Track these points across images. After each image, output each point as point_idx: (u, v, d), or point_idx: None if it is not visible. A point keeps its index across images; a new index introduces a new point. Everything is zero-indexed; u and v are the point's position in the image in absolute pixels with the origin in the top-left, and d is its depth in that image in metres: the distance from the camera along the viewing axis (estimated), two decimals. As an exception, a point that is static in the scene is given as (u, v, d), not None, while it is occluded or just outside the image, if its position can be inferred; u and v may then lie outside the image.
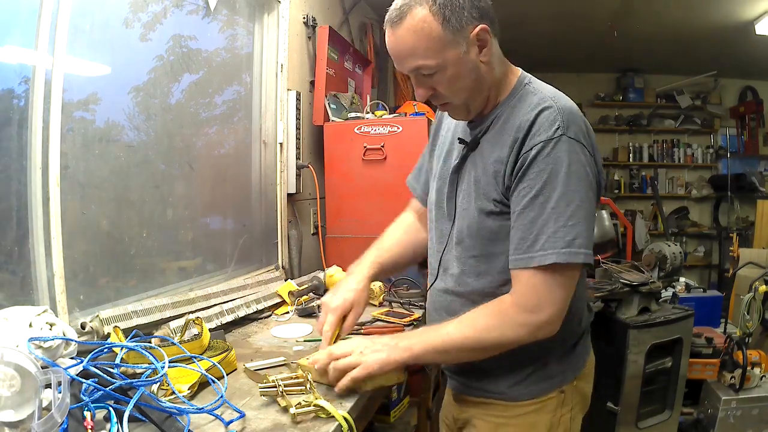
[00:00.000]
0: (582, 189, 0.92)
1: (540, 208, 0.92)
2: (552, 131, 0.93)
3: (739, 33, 4.04)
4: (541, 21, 4.07)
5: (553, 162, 0.91)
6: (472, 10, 0.94)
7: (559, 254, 0.90)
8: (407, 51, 0.96)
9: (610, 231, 3.58)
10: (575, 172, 0.91)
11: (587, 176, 0.93)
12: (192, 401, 1.05)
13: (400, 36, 0.96)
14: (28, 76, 1.24)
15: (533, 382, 1.07)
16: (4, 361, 0.78)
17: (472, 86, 1.00)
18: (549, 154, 0.92)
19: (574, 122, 0.95)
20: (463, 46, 0.95)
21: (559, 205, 0.91)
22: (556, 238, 0.90)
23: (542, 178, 0.92)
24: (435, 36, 0.93)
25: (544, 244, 0.91)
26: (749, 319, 2.73)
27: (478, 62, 0.97)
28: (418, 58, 0.96)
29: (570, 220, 0.90)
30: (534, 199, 0.92)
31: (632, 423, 2.33)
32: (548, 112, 0.95)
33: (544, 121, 0.94)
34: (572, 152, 0.92)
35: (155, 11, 1.65)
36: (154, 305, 1.49)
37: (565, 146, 0.92)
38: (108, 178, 1.49)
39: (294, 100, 2.38)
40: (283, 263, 2.37)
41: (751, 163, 5.73)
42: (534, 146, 0.93)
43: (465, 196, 1.07)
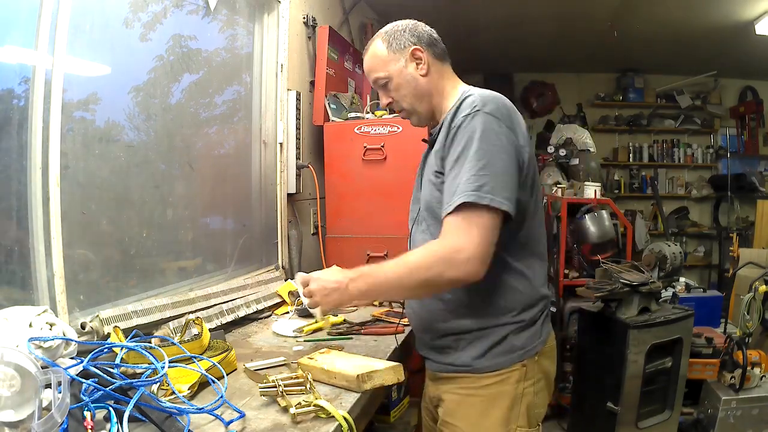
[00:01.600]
0: (494, 150, 1.10)
1: (459, 166, 1.10)
2: (470, 109, 1.14)
3: (739, 33, 4.04)
4: (541, 21, 4.07)
5: (470, 130, 1.11)
6: (411, 36, 1.28)
7: (468, 195, 1.06)
8: (369, 69, 1.32)
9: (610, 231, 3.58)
10: (488, 136, 1.10)
11: (500, 141, 1.11)
12: (192, 401, 1.05)
13: (366, 60, 1.33)
14: (28, 76, 1.24)
15: (495, 354, 1.18)
16: (4, 361, 0.78)
17: (413, 93, 1.29)
18: (467, 125, 1.12)
19: (491, 103, 1.15)
20: (402, 62, 1.27)
21: (472, 160, 1.09)
22: (467, 184, 1.07)
23: (462, 143, 1.12)
24: (383, 55, 1.29)
25: (458, 191, 1.07)
26: (749, 319, 2.73)
27: (416, 74, 1.27)
28: (375, 71, 1.31)
29: (481, 171, 1.07)
30: (456, 161, 1.11)
31: (632, 423, 2.33)
32: (470, 98, 1.18)
33: (466, 104, 1.16)
34: (486, 122, 1.11)
35: (155, 11, 1.65)
36: (154, 305, 1.49)
37: (480, 118, 1.12)
38: (108, 178, 1.49)
39: (294, 100, 2.38)
40: (283, 263, 2.37)
41: (751, 163, 5.73)
42: (457, 123, 1.14)
43: (423, 184, 1.30)
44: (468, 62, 5.41)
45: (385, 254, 2.37)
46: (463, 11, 3.85)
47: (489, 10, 3.86)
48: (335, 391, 1.11)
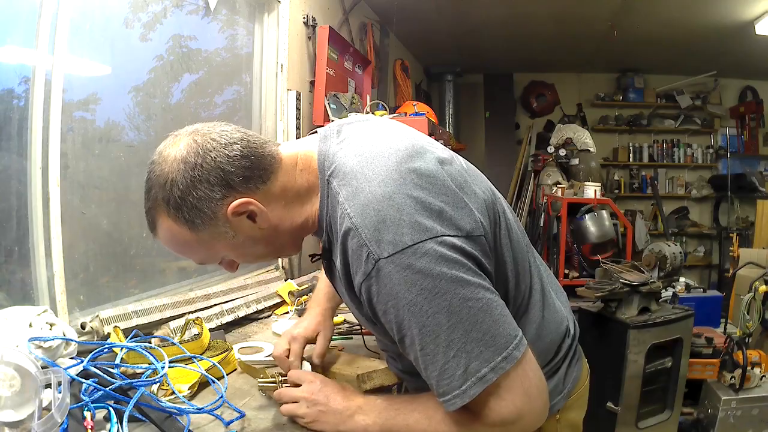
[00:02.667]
0: (444, 302, 0.71)
1: (412, 351, 0.75)
2: (364, 265, 0.73)
3: (739, 33, 4.05)
4: (541, 21, 4.07)
5: (387, 299, 0.73)
6: (213, 192, 0.77)
7: (462, 395, 0.73)
8: (182, 255, 0.88)
9: (610, 231, 3.58)
10: (420, 292, 0.71)
11: (441, 277, 0.71)
12: (192, 401, 1.05)
13: (166, 245, 0.85)
14: (28, 76, 1.24)
15: None
16: (4, 361, 0.78)
17: (267, 250, 0.89)
18: (378, 293, 0.73)
19: (383, 225, 0.72)
20: (229, 232, 0.81)
21: (425, 344, 0.73)
22: (446, 379, 0.73)
23: (392, 321, 0.74)
24: (190, 240, 0.81)
25: (441, 390, 0.74)
26: (749, 319, 2.73)
27: (255, 231, 0.82)
28: (195, 258, 0.87)
29: (449, 352, 0.72)
30: (402, 343, 0.76)
31: (632, 423, 2.33)
32: (351, 240, 0.74)
33: (353, 254, 0.75)
34: (400, 272, 0.71)
35: (155, 11, 1.65)
36: (154, 305, 1.49)
37: (387, 272, 0.71)
38: (108, 178, 1.49)
39: (294, 100, 2.38)
40: (283, 263, 2.37)
41: (751, 163, 5.73)
42: (361, 291, 0.76)
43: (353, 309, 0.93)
44: (468, 62, 5.44)
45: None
46: (463, 11, 3.86)
47: (489, 10, 3.86)
48: (335, 391, 1.11)
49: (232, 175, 0.78)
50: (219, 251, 0.85)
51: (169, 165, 0.78)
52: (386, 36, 3.96)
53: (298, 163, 0.85)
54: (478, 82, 5.80)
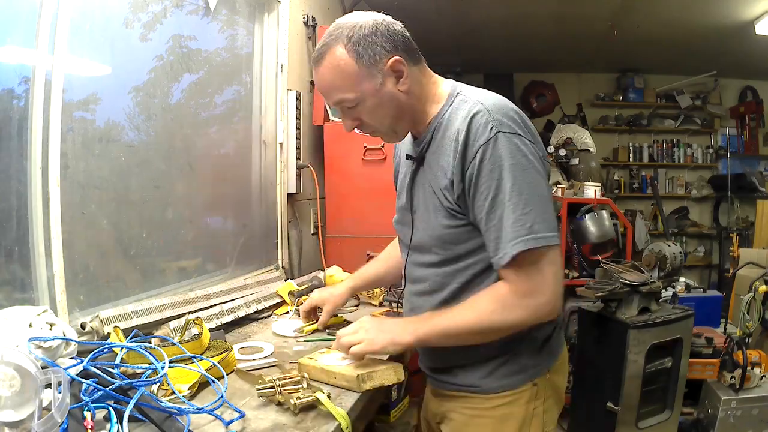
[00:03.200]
0: (529, 177, 0.98)
1: (501, 206, 0.97)
2: (488, 133, 0.98)
3: (739, 33, 4.04)
4: (541, 21, 4.07)
5: (497, 160, 0.97)
6: (386, 44, 1.01)
7: (526, 241, 0.95)
8: (328, 87, 1.05)
9: (610, 231, 3.58)
10: (519, 163, 0.97)
11: (531, 164, 0.99)
12: (192, 401, 1.05)
13: (322, 74, 1.04)
14: (28, 76, 1.24)
15: (505, 374, 1.10)
16: (4, 361, 0.78)
17: (393, 114, 1.07)
18: (492, 155, 0.97)
19: (506, 117, 1.00)
20: (379, 78, 1.02)
21: (512, 196, 0.97)
22: (518, 227, 0.96)
23: (494, 178, 0.98)
24: (350, 71, 1.01)
25: (510, 237, 0.96)
26: (749, 319, 2.73)
27: (396, 92, 1.04)
28: (339, 92, 1.04)
29: (525, 208, 0.96)
30: (494, 200, 0.98)
31: (632, 423, 2.33)
32: (479, 116, 1.00)
33: (478, 126, 0.99)
34: (511, 146, 0.98)
35: (155, 11, 1.65)
36: (154, 305, 1.49)
37: (503, 142, 0.98)
38: (108, 178, 1.49)
39: (294, 100, 2.38)
40: (283, 263, 2.37)
41: (751, 163, 5.73)
42: (477, 152, 0.99)
43: (423, 209, 1.13)
44: (468, 62, 5.44)
45: (385, 254, 2.37)
46: (463, 11, 3.85)
47: (489, 10, 3.86)
48: (335, 391, 1.11)
49: (400, 42, 1.04)
50: (362, 92, 1.03)
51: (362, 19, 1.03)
52: (386, 36, 3.95)
53: (433, 78, 1.13)
54: (478, 82, 5.79)
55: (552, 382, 1.15)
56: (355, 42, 1.00)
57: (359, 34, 1.00)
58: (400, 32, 1.05)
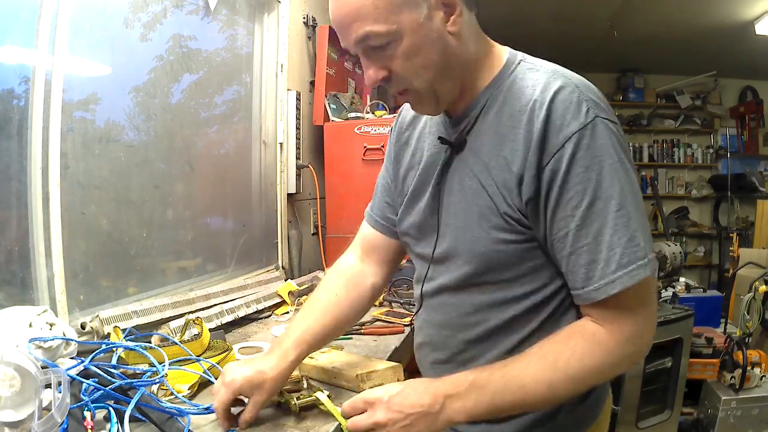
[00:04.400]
0: (633, 179, 0.74)
1: (602, 218, 0.71)
2: (583, 116, 0.72)
3: (739, 33, 4.05)
4: (541, 21, 4.07)
5: (596, 155, 0.71)
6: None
7: (645, 267, 0.71)
8: (352, 15, 0.74)
9: (610, 231, 3.58)
10: (622, 161, 0.73)
11: (631, 161, 0.75)
12: (192, 401, 1.05)
13: None
14: (28, 76, 1.24)
15: None
16: (4, 361, 0.78)
17: (437, 63, 0.77)
18: (590, 146, 0.71)
19: (599, 98, 0.76)
20: (424, 9, 0.73)
21: (623, 205, 0.71)
22: (633, 247, 0.71)
23: (592, 179, 0.71)
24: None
25: (623, 261, 0.71)
26: (749, 319, 2.73)
27: (444, 32, 0.75)
28: (366, 22, 0.73)
29: (636, 230, 0.71)
30: (590, 209, 0.71)
31: (632, 423, 2.33)
32: (567, 92, 0.74)
33: (567, 105, 0.73)
34: (613, 138, 0.73)
35: (155, 11, 1.65)
36: (154, 305, 1.49)
37: (604, 132, 0.72)
38: (108, 178, 1.49)
39: (294, 100, 2.38)
40: (283, 263, 2.37)
41: (751, 163, 5.73)
42: (566, 141, 0.72)
43: (459, 213, 0.84)
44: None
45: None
46: (463, 11, 3.86)
47: (489, 10, 3.86)
48: (335, 391, 1.11)
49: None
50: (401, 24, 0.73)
51: None
52: (386, 36, 3.95)
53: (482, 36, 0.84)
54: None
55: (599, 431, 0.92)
56: None
57: None
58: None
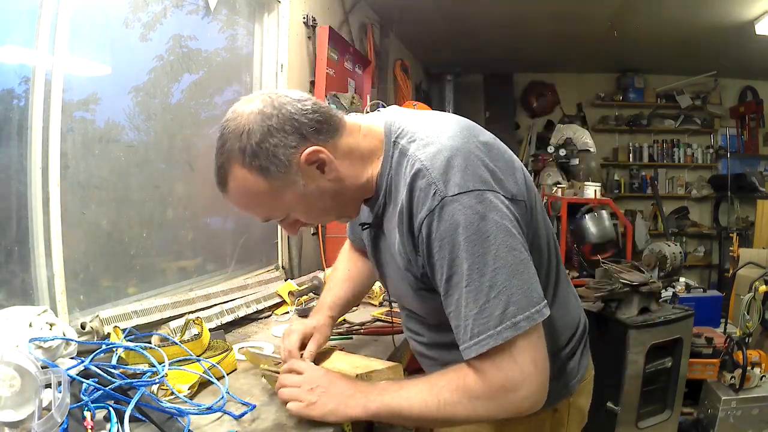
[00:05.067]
0: (493, 247, 0.78)
1: (458, 290, 0.80)
2: (430, 200, 0.80)
3: (739, 33, 4.04)
4: (541, 21, 4.07)
5: (446, 234, 0.79)
6: (288, 140, 0.82)
7: (496, 335, 0.77)
8: (249, 211, 0.91)
9: (610, 231, 3.58)
10: (476, 231, 0.78)
11: (494, 224, 0.79)
12: (192, 401, 1.05)
13: (234, 199, 0.89)
14: (28, 76, 1.24)
15: None
16: (4, 361, 0.78)
17: (331, 205, 0.91)
18: (438, 228, 0.80)
19: (451, 170, 0.80)
20: (300, 180, 0.85)
21: (471, 279, 0.78)
22: (484, 318, 0.78)
23: (444, 257, 0.80)
24: (264, 191, 0.84)
25: (475, 330, 0.79)
26: (749, 319, 2.73)
27: (325, 183, 0.87)
28: (262, 212, 0.90)
29: (491, 292, 0.78)
30: (449, 282, 0.81)
31: (632, 423, 2.33)
32: (420, 180, 0.82)
33: (419, 193, 0.81)
34: (464, 210, 0.78)
35: (155, 11, 1.65)
36: (154, 305, 1.49)
37: (453, 210, 0.78)
38: (108, 178, 1.49)
39: (294, 100, 2.38)
40: (283, 263, 2.37)
41: (751, 163, 5.73)
42: (421, 227, 0.82)
43: (391, 273, 0.99)
44: (468, 62, 5.44)
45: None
46: (463, 11, 3.85)
47: (489, 10, 3.86)
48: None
49: (305, 126, 0.84)
50: (288, 203, 0.87)
51: (245, 118, 0.83)
52: (386, 36, 3.96)
53: (362, 129, 0.92)
54: (478, 82, 5.79)
55: (575, 405, 1.03)
56: (251, 155, 0.81)
57: (251, 143, 0.81)
58: (299, 112, 0.84)
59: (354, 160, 0.90)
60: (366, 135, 0.92)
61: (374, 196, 0.94)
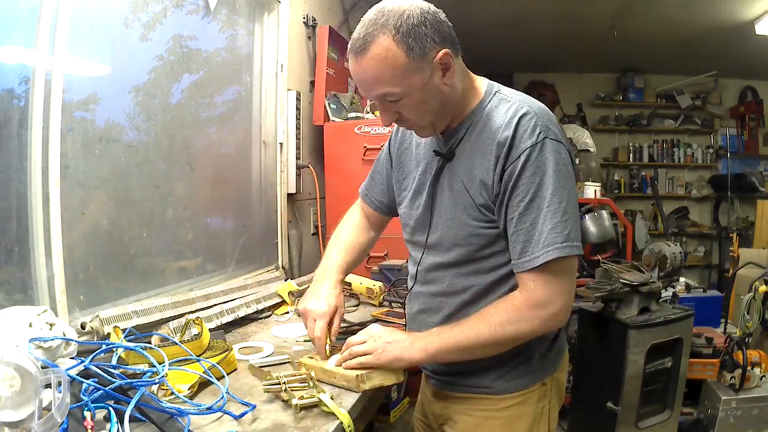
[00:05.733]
0: (568, 185, 0.99)
1: (537, 209, 0.98)
2: (535, 137, 0.98)
3: (739, 33, 4.04)
4: (541, 21, 4.07)
5: (541, 165, 0.98)
6: (435, 35, 0.97)
7: (561, 248, 0.96)
8: (373, 79, 0.99)
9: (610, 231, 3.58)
10: (561, 170, 0.98)
11: (570, 173, 1.00)
12: (192, 401, 1.05)
13: (366, 65, 0.97)
14: (28, 76, 1.24)
15: (517, 375, 1.11)
16: (4, 361, 0.78)
17: (437, 108, 1.04)
18: (536, 159, 0.98)
19: (551, 124, 1.02)
20: (427, 72, 0.98)
21: (552, 203, 0.97)
22: (555, 233, 0.96)
23: (534, 182, 0.98)
24: (400, 64, 0.95)
25: (546, 242, 0.96)
26: (749, 319, 2.73)
27: (441, 85, 1.01)
28: (384, 85, 0.98)
29: (564, 216, 0.97)
30: (531, 203, 0.98)
31: (632, 423, 2.33)
32: (527, 119, 1.00)
33: (526, 128, 0.99)
34: (556, 152, 0.98)
35: (155, 11, 1.65)
36: (154, 305, 1.49)
37: (550, 148, 0.98)
38: (108, 178, 1.49)
39: (294, 100, 2.38)
40: (283, 263, 2.37)
41: (751, 163, 5.73)
42: (522, 153, 0.98)
43: (449, 207, 1.10)
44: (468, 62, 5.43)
45: (385, 254, 2.37)
46: (463, 11, 3.85)
47: (489, 10, 3.86)
48: (335, 390, 1.11)
49: (447, 34, 1.00)
50: (410, 84, 0.98)
51: (407, 5, 0.97)
52: (386, 36, 3.95)
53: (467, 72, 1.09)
54: (478, 82, 5.79)
55: (557, 381, 1.17)
56: (405, 33, 0.94)
57: (408, 23, 0.94)
58: (446, 22, 1.01)
59: (463, 83, 1.06)
60: (471, 78, 1.10)
61: (455, 129, 1.09)
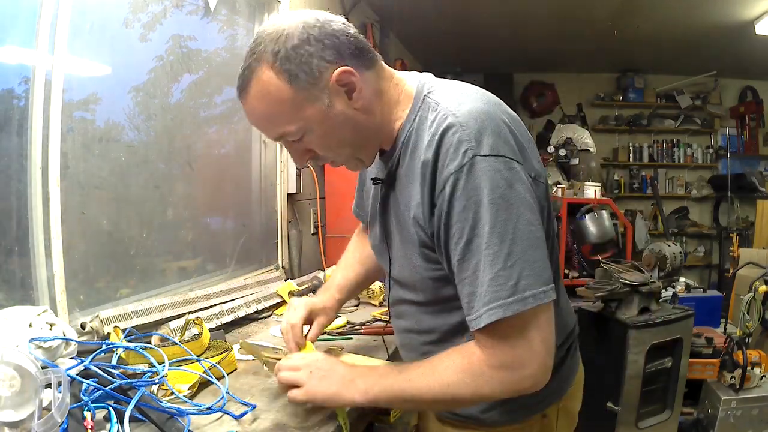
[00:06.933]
0: (514, 214, 0.76)
1: (477, 253, 0.77)
2: (460, 157, 0.77)
3: (739, 33, 4.05)
4: (541, 21, 4.07)
5: (473, 193, 0.76)
6: (324, 52, 0.79)
7: (506, 306, 0.75)
8: (264, 120, 0.84)
9: (610, 231, 3.58)
10: (502, 196, 0.76)
11: (518, 195, 0.77)
12: (192, 401, 1.05)
13: (251, 106, 0.83)
14: (28, 76, 1.24)
15: (509, 410, 0.94)
16: (4, 361, 0.78)
17: (351, 139, 0.86)
18: (465, 187, 0.76)
19: (486, 131, 0.78)
20: (325, 99, 0.81)
21: (491, 244, 0.75)
22: (497, 286, 0.75)
23: (468, 218, 0.77)
24: (286, 98, 0.79)
25: (486, 298, 0.76)
26: (749, 319, 2.73)
27: (350, 111, 0.83)
28: (277, 125, 0.83)
29: (508, 260, 0.75)
30: (468, 245, 0.77)
31: (632, 423, 2.33)
32: (450, 134, 0.78)
33: (448, 147, 0.78)
34: (492, 172, 0.76)
35: (155, 11, 1.65)
36: (154, 305, 1.49)
37: (481, 169, 0.76)
38: (108, 178, 1.49)
39: (294, 100, 2.38)
40: (283, 263, 2.37)
41: (751, 163, 5.73)
42: (446, 182, 0.78)
43: (398, 241, 0.95)
44: (468, 62, 5.44)
45: (385, 254, 2.37)
46: (463, 11, 3.85)
47: (489, 10, 3.86)
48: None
49: (345, 46, 0.81)
50: (307, 119, 0.81)
51: (287, 24, 0.80)
52: (386, 36, 3.96)
53: (394, 79, 0.90)
54: (478, 82, 5.78)
55: (565, 410, 1.01)
56: (284, 58, 0.77)
57: (287, 46, 0.78)
58: (341, 31, 0.82)
59: (382, 101, 0.87)
60: (397, 85, 0.90)
61: (391, 148, 0.91)
